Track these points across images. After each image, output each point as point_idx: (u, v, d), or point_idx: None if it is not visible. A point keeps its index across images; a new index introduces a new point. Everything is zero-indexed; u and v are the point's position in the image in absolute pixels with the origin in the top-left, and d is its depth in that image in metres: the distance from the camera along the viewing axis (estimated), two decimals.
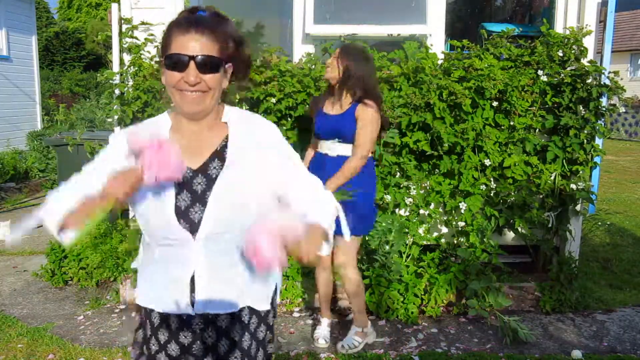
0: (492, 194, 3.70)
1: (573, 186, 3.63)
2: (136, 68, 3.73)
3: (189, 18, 1.32)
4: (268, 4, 5.10)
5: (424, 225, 3.74)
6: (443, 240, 3.82)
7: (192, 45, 1.29)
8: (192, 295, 1.40)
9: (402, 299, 3.55)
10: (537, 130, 3.72)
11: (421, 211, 3.68)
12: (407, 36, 3.96)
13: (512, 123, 3.62)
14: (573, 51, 3.65)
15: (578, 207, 3.77)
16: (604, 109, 3.63)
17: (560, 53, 3.61)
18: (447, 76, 3.61)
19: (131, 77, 3.76)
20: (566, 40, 3.65)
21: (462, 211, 3.63)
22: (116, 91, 3.79)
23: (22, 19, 9.44)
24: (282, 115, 3.60)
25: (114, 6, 3.83)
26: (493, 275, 3.55)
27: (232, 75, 1.40)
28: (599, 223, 5.72)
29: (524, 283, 3.78)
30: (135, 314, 3.61)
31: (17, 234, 1.43)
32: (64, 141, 4.71)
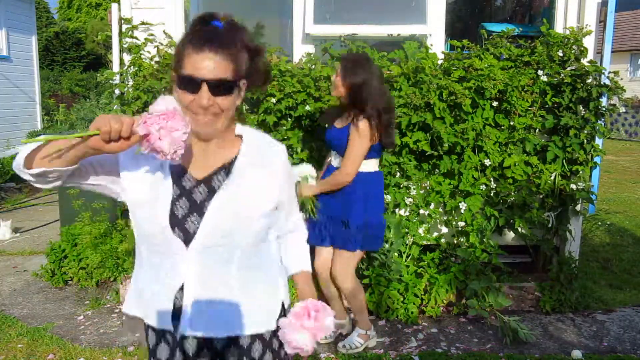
0: (492, 194, 3.70)
1: (573, 186, 3.63)
2: (136, 68, 3.73)
3: (204, 33, 1.26)
4: (268, 4, 5.10)
5: (424, 225, 3.74)
6: (443, 240, 3.82)
7: (206, 65, 1.23)
8: (179, 310, 1.33)
9: (402, 299, 3.55)
10: (537, 130, 3.72)
11: (421, 211, 3.68)
12: (407, 36, 3.96)
13: (512, 123, 3.62)
14: (573, 51, 3.65)
15: (578, 207, 3.77)
16: (604, 109, 3.63)
17: (560, 53, 3.61)
18: (447, 76, 3.61)
19: (131, 77, 3.75)
20: (566, 40, 3.65)
21: (462, 211, 3.63)
22: (116, 91, 3.79)
23: (22, 19, 9.44)
24: (282, 115, 3.60)
25: (114, 6, 3.83)
26: (493, 275, 3.55)
27: (248, 87, 1.36)
28: (599, 223, 5.72)
29: (524, 283, 3.78)
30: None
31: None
32: None
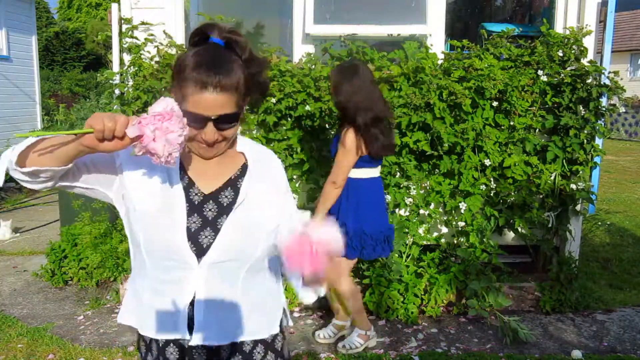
0: (492, 194, 3.70)
1: (573, 186, 3.63)
2: (136, 68, 3.73)
3: (205, 66, 1.21)
4: (268, 4, 5.10)
5: (424, 225, 3.74)
6: (443, 240, 3.82)
7: (211, 105, 1.21)
8: (190, 323, 1.35)
9: (402, 299, 3.55)
10: (537, 130, 3.72)
11: (421, 211, 3.68)
12: (407, 36, 3.96)
13: (512, 123, 3.62)
14: (573, 51, 3.65)
15: (578, 207, 3.77)
16: (604, 109, 3.63)
17: (560, 53, 3.61)
18: (447, 76, 3.61)
19: (131, 77, 3.75)
20: (566, 40, 3.65)
21: (462, 211, 3.63)
22: (116, 91, 3.79)
23: (22, 19, 9.44)
24: (282, 115, 3.60)
25: (114, 6, 3.83)
26: (493, 275, 3.55)
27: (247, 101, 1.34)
28: (599, 223, 5.72)
29: (524, 283, 3.78)
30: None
31: None
32: None
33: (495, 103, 3.59)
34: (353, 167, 2.86)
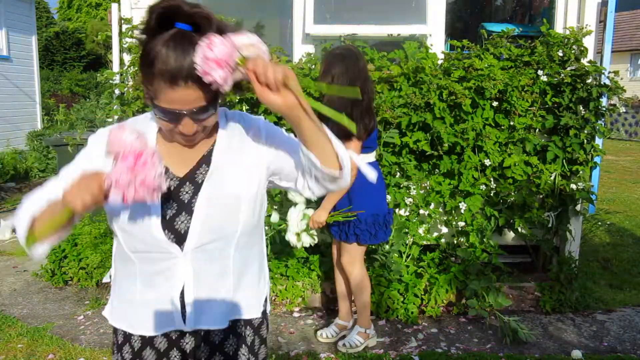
0: (492, 194, 3.70)
1: (573, 186, 3.63)
2: (136, 68, 3.73)
3: (173, 61, 1.14)
4: (268, 4, 5.09)
5: (424, 225, 3.74)
6: (443, 240, 3.82)
7: (184, 99, 1.16)
8: (183, 311, 1.32)
9: (402, 299, 3.55)
10: (537, 130, 3.72)
11: (421, 211, 3.68)
12: (407, 36, 3.96)
13: (512, 123, 3.62)
14: (573, 51, 3.65)
15: (578, 207, 3.77)
16: (604, 109, 3.63)
17: (560, 53, 3.61)
18: (447, 76, 3.61)
19: (131, 77, 3.76)
20: (566, 40, 3.65)
21: (462, 211, 3.63)
22: (116, 91, 3.79)
23: (22, 19, 9.45)
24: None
25: (114, 6, 3.83)
26: (493, 275, 3.55)
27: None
28: (599, 223, 5.72)
29: (524, 283, 3.78)
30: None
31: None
32: (64, 141, 4.71)
33: (495, 103, 3.59)
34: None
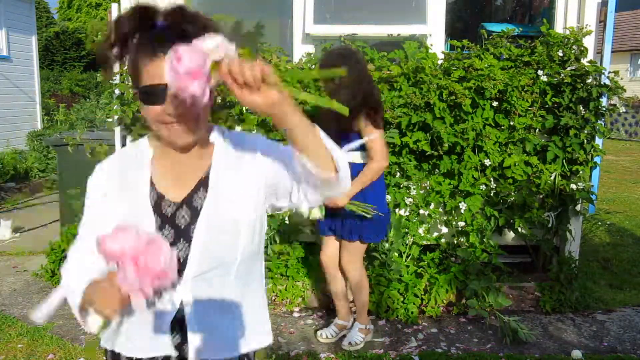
0: (492, 194, 3.70)
1: (573, 186, 3.63)
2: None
3: (151, 37, 1.11)
4: (268, 4, 5.09)
5: (424, 225, 3.74)
6: (443, 240, 3.82)
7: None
8: (178, 339, 1.25)
9: (402, 299, 3.55)
10: (537, 130, 3.72)
11: (421, 211, 3.68)
12: (407, 36, 3.96)
13: (512, 123, 3.62)
14: (573, 51, 3.65)
15: (578, 207, 3.77)
16: (604, 109, 3.63)
17: (560, 53, 3.61)
18: (447, 76, 3.61)
19: (131, 77, 3.75)
20: (566, 40, 3.65)
21: (462, 211, 3.63)
22: (116, 91, 3.79)
23: (22, 19, 9.44)
24: None
25: (114, 6, 3.83)
26: (493, 275, 3.55)
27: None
28: (599, 223, 5.72)
29: (524, 283, 3.78)
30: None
31: (44, 313, 1.27)
32: (64, 141, 4.71)
33: (495, 103, 3.59)
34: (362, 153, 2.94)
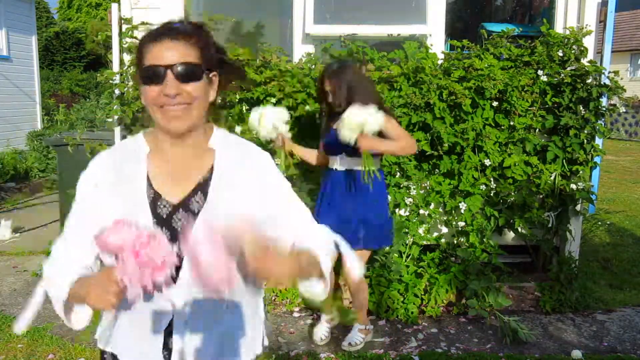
0: (492, 194, 3.70)
1: (573, 186, 3.63)
2: (136, 68, 3.72)
3: (161, 28, 1.19)
4: (268, 4, 5.09)
5: (424, 225, 3.74)
6: (443, 240, 3.82)
7: (168, 53, 1.14)
8: (169, 344, 1.23)
9: (402, 299, 3.55)
10: (537, 130, 3.72)
11: (421, 211, 3.68)
12: (407, 36, 3.95)
13: (512, 123, 3.62)
14: (573, 51, 3.65)
15: (578, 207, 3.77)
16: (604, 109, 3.63)
17: (560, 53, 3.61)
18: (447, 76, 3.61)
19: (131, 77, 3.75)
20: (566, 40, 3.65)
21: (462, 211, 3.63)
22: (116, 91, 3.79)
23: (22, 19, 9.43)
24: None
25: (114, 6, 3.83)
26: (493, 275, 3.55)
27: (220, 85, 1.25)
28: (599, 223, 5.72)
29: (524, 283, 3.78)
30: None
31: (27, 319, 1.22)
32: (64, 141, 4.71)
33: (495, 103, 3.59)
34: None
